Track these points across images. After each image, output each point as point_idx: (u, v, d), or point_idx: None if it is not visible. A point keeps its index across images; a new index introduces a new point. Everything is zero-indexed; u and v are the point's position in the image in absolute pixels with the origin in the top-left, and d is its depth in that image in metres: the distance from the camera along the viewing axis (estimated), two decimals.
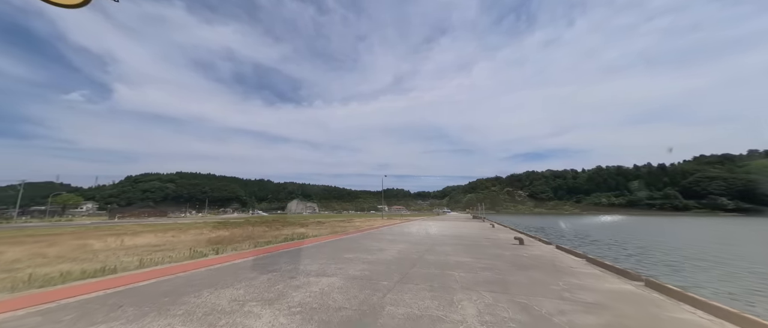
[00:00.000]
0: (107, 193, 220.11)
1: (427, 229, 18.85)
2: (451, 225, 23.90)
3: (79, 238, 13.94)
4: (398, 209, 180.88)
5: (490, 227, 22.01)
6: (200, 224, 28.64)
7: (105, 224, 36.63)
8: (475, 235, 14.68)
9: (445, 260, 7.44)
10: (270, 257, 7.59)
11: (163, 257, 7.65)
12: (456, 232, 16.61)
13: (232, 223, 31.75)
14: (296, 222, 30.64)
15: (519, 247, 10.00)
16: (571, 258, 7.80)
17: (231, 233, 16.24)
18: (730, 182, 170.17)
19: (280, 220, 41.28)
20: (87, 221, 47.56)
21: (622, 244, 18.54)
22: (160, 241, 11.99)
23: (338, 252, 8.51)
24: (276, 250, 8.86)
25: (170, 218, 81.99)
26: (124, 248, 9.77)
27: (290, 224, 27.94)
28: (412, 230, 17.55)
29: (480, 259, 7.52)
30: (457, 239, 12.78)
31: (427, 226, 22.39)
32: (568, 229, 29.80)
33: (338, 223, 28.39)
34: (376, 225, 22.47)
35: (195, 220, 52.11)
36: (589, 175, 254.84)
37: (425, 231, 16.98)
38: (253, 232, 16.52)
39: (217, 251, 8.66)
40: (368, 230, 17.18)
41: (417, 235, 14.56)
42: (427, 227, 21.43)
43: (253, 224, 25.50)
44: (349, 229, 18.33)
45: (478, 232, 16.79)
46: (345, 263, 6.84)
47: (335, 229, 17.97)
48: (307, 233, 14.39)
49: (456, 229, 19.13)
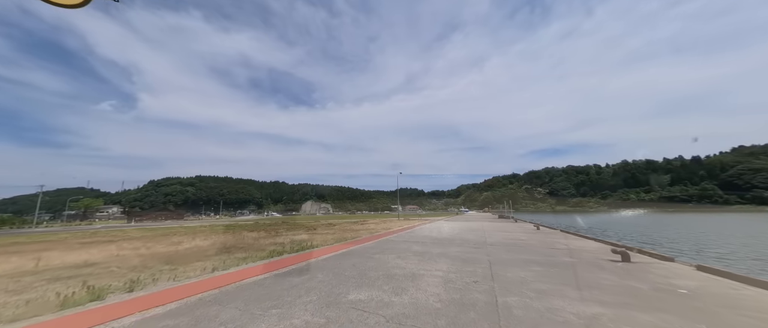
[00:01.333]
0: (132, 197, 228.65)
1: (460, 233, 15.04)
2: (483, 227, 19.91)
3: (40, 249, 11.20)
4: (413, 208, 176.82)
5: (534, 228, 17.88)
6: (203, 229, 26.08)
7: (113, 227, 35.06)
8: (533, 243, 10.75)
9: (549, 305, 3.71)
10: (218, 299, 4.10)
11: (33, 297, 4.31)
12: (501, 237, 12.70)
13: (239, 226, 29.13)
14: (304, 224, 27.48)
15: (637, 270, 6.07)
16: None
17: (215, 240, 13.07)
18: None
19: (289, 222, 38.42)
20: (99, 226, 46.73)
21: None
22: (104, 257, 8.82)
23: (341, 286, 4.89)
24: (245, 278, 5.38)
25: (186, 220, 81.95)
26: (35, 272, 6.60)
27: (296, 226, 24.75)
28: (442, 235, 13.78)
29: (608, 305, 3.73)
30: (515, 250, 8.92)
31: (454, 228, 18.56)
32: (631, 227, 25.00)
33: (350, 225, 24.97)
34: (393, 228, 18.86)
35: (204, 223, 50.33)
36: (614, 170, 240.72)
37: (459, 236, 13.19)
38: (245, 239, 13.29)
39: (154, 279, 5.31)
40: (385, 235, 13.57)
41: (453, 242, 10.79)
42: (456, 229, 17.58)
43: (258, 229, 22.70)
44: (361, 233, 14.79)
45: (530, 237, 12.83)
46: (351, 323, 3.23)
47: (345, 234, 14.45)
48: (307, 242, 10.92)
49: (496, 232, 15.22)
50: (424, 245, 10.18)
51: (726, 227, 28.97)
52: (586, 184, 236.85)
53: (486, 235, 13.94)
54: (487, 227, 20.07)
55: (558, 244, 10.36)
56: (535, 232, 15.46)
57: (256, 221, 45.67)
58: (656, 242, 17.24)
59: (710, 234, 21.80)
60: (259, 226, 27.52)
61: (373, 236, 13.31)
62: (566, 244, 10.27)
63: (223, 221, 53.12)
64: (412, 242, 11.31)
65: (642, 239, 19.18)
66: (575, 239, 11.99)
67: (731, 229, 26.28)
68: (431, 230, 17.91)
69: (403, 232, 16.05)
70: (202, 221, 65.63)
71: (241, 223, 41.81)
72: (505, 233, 14.97)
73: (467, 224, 23.25)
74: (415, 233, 15.63)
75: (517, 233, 14.48)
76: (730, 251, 13.96)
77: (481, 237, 12.48)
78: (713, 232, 23.63)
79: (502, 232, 15.57)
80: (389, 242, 11.15)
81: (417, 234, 14.57)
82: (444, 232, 15.68)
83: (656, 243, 16.85)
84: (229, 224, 37.78)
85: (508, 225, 22.11)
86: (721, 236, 20.59)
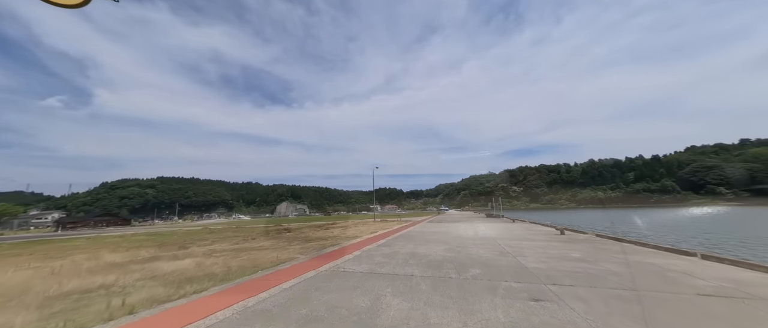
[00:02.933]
0: (80, 201, 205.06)
1: (462, 246, 9.87)
2: (485, 233, 14.96)
3: None
4: (392, 208, 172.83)
5: (557, 233, 13.14)
6: (125, 240, 19.14)
7: (14, 240, 26.42)
8: (621, 271, 5.68)
9: None
10: None
11: None
12: (541, 255, 7.66)
13: (177, 234, 22.28)
14: (253, 231, 21.28)
15: None
16: None
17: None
18: (728, 171, 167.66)
19: (244, 228, 31.73)
20: (19, 235, 36.95)
21: None
22: None
23: None
24: None
25: (135, 226, 71.10)
26: None
27: (236, 236, 18.53)
28: (435, 253, 8.50)
29: None
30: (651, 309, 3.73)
31: (446, 235, 13.48)
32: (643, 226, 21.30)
33: (313, 231, 19.16)
34: (362, 236, 13.44)
35: (151, 229, 41.82)
36: (582, 168, 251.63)
37: (467, 254, 7.99)
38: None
39: None
40: (336, 257, 8.09)
41: (475, 283, 5.50)
42: (451, 239, 12.45)
43: (176, 243, 16.30)
44: (310, 246, 9.19)
45: (589, 254, 7.92)
46: None
47: (288, 249, 8.75)
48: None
49: (519, 244, 10.25)
50: (409, 284, 4.76)
51: (728, 222, 26.47)
52: (558, 182, 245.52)
53: (508, 249, 8.82)
54: (490, 231, 15.12)
55: (673, 273, 5.39)
56: (572, 241, 10.63)
57: (206, 227, 38.26)
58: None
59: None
60: (198, 236, 20.92)
61: (326, 257, 7.74)
62: (693, 272, 5.31)
63: (167, 228, 44.86)
64: (382, 275, 5.86)
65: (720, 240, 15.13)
66: (670, 256, 7.13)
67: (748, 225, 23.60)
68: (415, 238, 12.63)
69: (375, 244, 10.64)
70: (150, 228, 56.25)
71: (184, 229, 34.35)
72: (532, 243, 9.99)
73: (459, 228, 18.25)
74: (394, 244, 10.28)
75: (552, 244, 9.56)
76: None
77: (512, 260, 7.29)
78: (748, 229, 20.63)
79: (524, 242, 10.58)
80: (345, 275, 5.61)
81: (395, 249, 9.18)
82: (434, 247, 10.40)
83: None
84: (168, 232, 30.43)
85: (513, 228, 17.35)
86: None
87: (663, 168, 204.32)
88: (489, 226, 19.17)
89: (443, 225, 21.13)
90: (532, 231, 14.51)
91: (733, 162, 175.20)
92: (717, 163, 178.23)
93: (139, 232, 32.29)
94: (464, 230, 16.46)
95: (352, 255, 8.22)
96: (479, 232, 14.95)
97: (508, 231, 15.00)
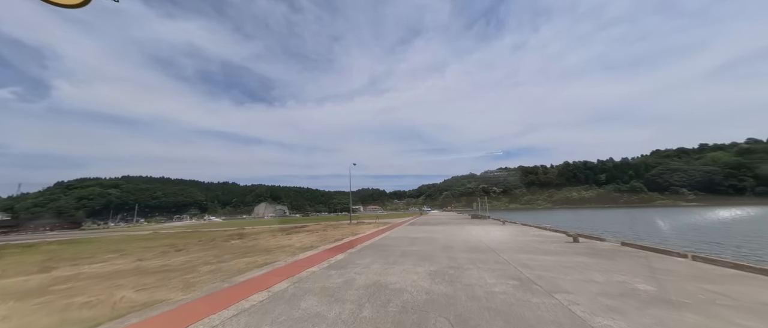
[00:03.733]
0: (30, 202, 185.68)
1: (454, 269, 6.76)
2: (478, 238, 12.02)
3: None
4: (374, 208, 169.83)
5: (569, 239, 10.38)
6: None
7: None
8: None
9: None
10: None
11: None
12: (593, 289, 4.58)
13: (94, 243, 17.63)
14: (179, 238, 17.18)
15: None
16: None
17: None
18: (690, 173, 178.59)
19: (201, 232, 27.23)
20: None
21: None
22: None
23: None
24: None
25: (84, 230, 62.91)
26: None
27: (170, 245, 14.47)
28: (412, 287, 5.31)
29: None
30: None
31: (429, 243, 10.38)
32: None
33: (271, 237, 15.44)
34: (323, 244, 10.05)
35: (82, 235, 35.91)
36: (558, 170, 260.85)
37: (458, 282, 4.85)
38: None
39: None
40: (256, 289, 4.73)
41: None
42: (435, 250, 9.35)
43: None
44: (232, 268, 5.72)
45: (606, 268, 5.03)
46: None
47: (192, 273, 5.22)
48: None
49: (519, 254, 7.29)
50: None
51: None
52: (535, 183, 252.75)
53: (526, 272, 5.77)
54: (485, 237, 12.14)
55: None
56: (601, 255, 7.78)
57: (155, 232, 33.12)
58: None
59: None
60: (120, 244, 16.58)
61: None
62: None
63: (101, 233, 39.10)
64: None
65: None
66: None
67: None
68: (388, 248, 9.39)
69: (326, 261, 7.32)
70: (93, 232, 49.45)
71: (125, 235, 29.29)
72: (554, 261, 7.03)
73: (447, 232, 15.22)
74: (352, 263, 6.97)
75: (582, 261, 6.65)
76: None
77: (552, 304, 4.22)
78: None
79: (540, 256, 7.60)
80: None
81: (351, 276, 5.90)
82: (413, 269, 7.19)
83: None
84: (73, 239, 25.47)
85: (509, 233, 14.53)
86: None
87: (631, 170, 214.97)
88: (480, 229, 16.31)
89: (426, 229, 18.07)
90: (536, 237, 11.67)
91: (694, 165, 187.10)
92: (680, 166, 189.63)
93: (42, 239, 26.86)
94: (452, 235, 13.45)
95: (270, 292, 4.81)
96: (471, 237, 11.98)
97: (506, 236, 12.11)
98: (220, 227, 37.05)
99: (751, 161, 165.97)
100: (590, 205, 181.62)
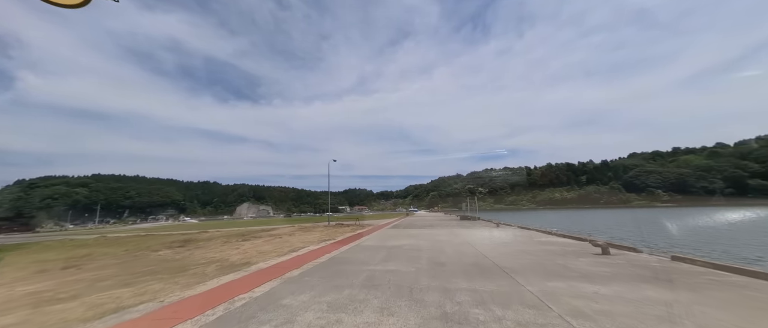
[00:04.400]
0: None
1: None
2: (465, 242, 9.38)
3: None
4: (360, 209, 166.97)
5: (596, 251, 7.85)
6: None
7: None
8: None
9: None
10: None
11: None
12: None
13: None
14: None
15: None
16: None
17: None
18: (664, 175, 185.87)
19: (156, 236, 23.37)
20: None
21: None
22: None
23: None
24: None
25: (39, 233, 56.29)
26: None
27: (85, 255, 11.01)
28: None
29: None
30: None
31: (412, 258, 7.64)
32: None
33: (223, 245, 12.23)
34: (273, 257, 7.10)
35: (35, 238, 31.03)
36: (542, 171, 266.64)
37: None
38: None
39: None
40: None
41: None
42: (420, 274, 6.54)
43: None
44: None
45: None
46: None
47: None
48: None
49: (550, 281, 4.66)
50: None
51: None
52: (520, 184, 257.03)
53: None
54: (486, 247, 9.47)
55: None
56: (673, 282, 5.19)
57: (103, 235, 28.83)
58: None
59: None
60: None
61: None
62: None
63: (35, 238, 34.22)
64: None
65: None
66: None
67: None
68: (351, 264, 6.55)
69: (248, 293, 4.42)
70: (44, 235, 43.85)
71: (57, 239, 25.00)
72: (611, 293, 4.36)
73: (436, 238, 12.49)
74: (283, 303, 4.08)
75: (663, 296, 3.96)
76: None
77: None
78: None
79: (577, 283, 4.91)
80: None
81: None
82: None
83: None
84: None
85: (512, 240, 11.97)
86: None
87: (610, 172, 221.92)
88: (474, 234, 13.72)
89: (411, 233, 15.32)
90: (550, 247, 9.12)
91: (668, 167, 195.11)
92: (655, 168, 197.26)
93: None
94: (443, 243, 10.76)
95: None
96: (466, 247, 9.33)
97: (511, 245, 9.53)
98: (183, 230, 33.03)
99: (719, 164, 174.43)
100: (572, 205, 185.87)
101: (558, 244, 9.59)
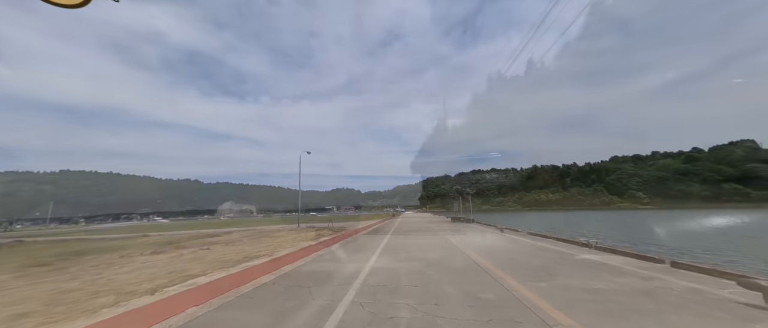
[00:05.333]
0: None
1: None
2: (468, 258, 6.09)
3: None
4: (347, 209, 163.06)
5: (662, 275, 4.76)
6: None
7: None
8: None
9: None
10: None
11: None
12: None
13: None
14: None
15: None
16: None
17: None
18: (644, 178, 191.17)
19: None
20: None
21: None
22: None
23: None
24: None
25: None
26: None
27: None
28: None
29: None
30: None
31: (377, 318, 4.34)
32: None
33: (153, 255, 8.56)
34: (176, 286, 3.71)
35: None
36: (528, 173, 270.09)
37: None
38: None
39: None
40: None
41: None
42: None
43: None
44: None
45: None
46: None
47: None
48: None
49: None
50: None
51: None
52: (506, 185, 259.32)
53: None
54: (505, 263, 6.23)
55: None
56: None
57: (19, 240, 24.07)
58: None
59: None
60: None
61: None
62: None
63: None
64: None
65: None
66: None
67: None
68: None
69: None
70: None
71: None
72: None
73: (426, 258, 9.24)
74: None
75: None
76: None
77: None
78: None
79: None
80: None
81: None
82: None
83: None
84: None
85: (534, 258, 8.87)
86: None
87: (594, 175, 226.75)
88: (475, 240, 10.58)
89: (391, 244, 12.02)
90: (605, 274, 5.99)
91: (648, 170, 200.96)
92: (636, 171, 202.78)
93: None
94: (437, 264, 7.48)
95: None
96: (484, 285, 6.04)
97: (550, 276, 6.34)
98: (120, 234, 28.56)
99: (696, 168, 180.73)
100: (558, 207, 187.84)
101: (605, 268, 6.45)
